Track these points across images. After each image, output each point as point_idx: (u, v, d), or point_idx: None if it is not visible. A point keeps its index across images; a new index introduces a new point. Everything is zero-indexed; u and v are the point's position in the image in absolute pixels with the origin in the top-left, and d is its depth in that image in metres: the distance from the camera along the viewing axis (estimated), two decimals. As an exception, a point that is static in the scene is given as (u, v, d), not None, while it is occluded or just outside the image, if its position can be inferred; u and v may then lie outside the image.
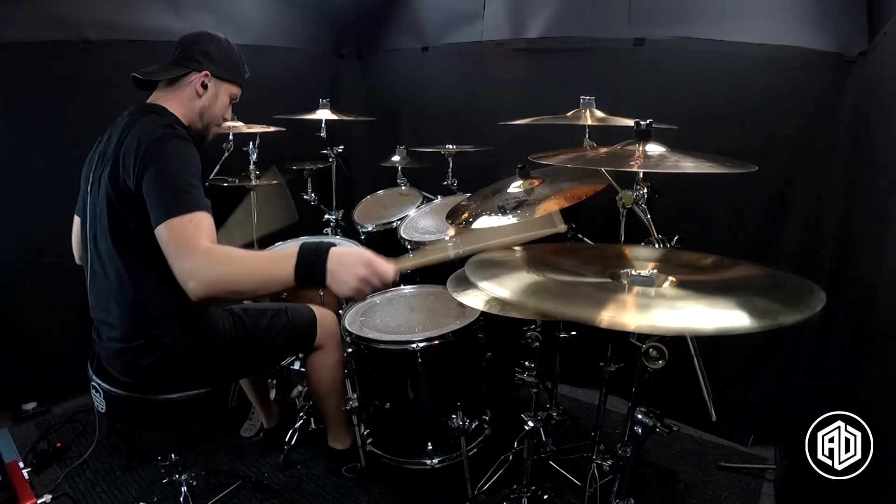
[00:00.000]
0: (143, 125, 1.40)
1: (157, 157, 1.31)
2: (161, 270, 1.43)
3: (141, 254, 1.40)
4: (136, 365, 1.47)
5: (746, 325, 0.76)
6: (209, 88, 1.54)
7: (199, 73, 1.52)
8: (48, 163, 2.31)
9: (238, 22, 2.84)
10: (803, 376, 2.05)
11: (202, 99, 1.54)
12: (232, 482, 2.01)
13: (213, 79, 1.54)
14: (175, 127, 1.42)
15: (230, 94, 1.61)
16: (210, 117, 1.58)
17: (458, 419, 1.67)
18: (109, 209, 1.38)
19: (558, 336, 2.00)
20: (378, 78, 3.40)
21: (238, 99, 1.66)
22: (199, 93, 1.53)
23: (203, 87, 1.53)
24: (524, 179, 1.78)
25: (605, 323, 0.79)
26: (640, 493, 1.94)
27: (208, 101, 1.55)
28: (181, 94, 1.52)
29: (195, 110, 1.54)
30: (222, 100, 1.59)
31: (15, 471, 1.39)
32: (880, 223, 1.46)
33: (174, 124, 1.44)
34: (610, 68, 2.31)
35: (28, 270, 2.38)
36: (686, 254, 1.18)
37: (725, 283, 1.00)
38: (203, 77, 1.52)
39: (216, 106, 1.58)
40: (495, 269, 1.02)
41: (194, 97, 1.53)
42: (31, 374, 2.46)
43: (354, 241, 2.42)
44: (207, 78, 1.52)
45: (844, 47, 1.83)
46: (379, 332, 1.77)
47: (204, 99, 1.54)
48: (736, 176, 1.22)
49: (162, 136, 1.35)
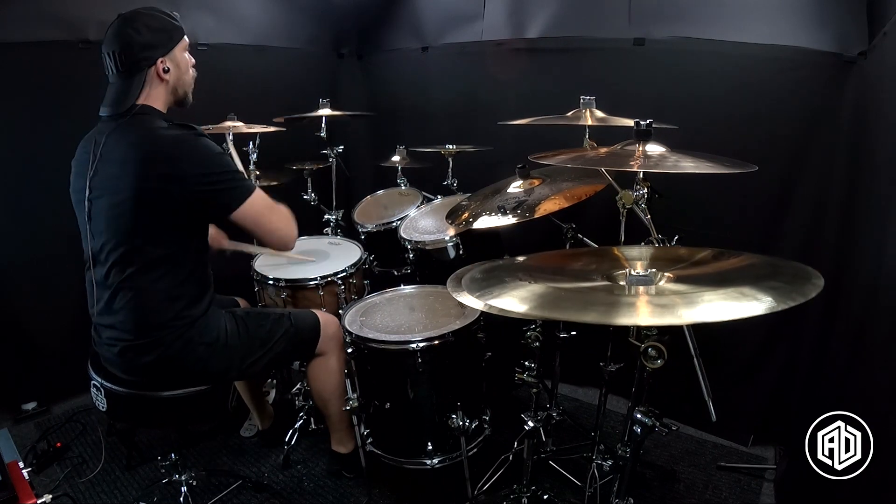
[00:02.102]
0: (147, 130, 1.43)
1: (196, 156, 1.43)
2: (164, 271, 1.45)
3: (149, 256, 1.43)
4: (136, 363, 1.48)
5: (768, 305, 0.79)
6: (169, 66, 1.51)
7: (154, 65, 1.48)
8: (48, 163, 2.29)
9: (238, 22, 2.85)
10: (803, 376, 2.05)
11: (170, 78, 1.52)
12: (232, 482, 2.01)
13: (166, 58, 1.50)
14: (189, 126, 1.48)
15: (183, 48, 1.56)
16: (183, 84, 1.57)
17: (458, 419, 1.67)
18: (128, 214, 1.40)
19: (558, 336, 2.00)
20: (378, 78, 3.39)
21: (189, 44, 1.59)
22: (165, 77, 1.51)
23: (165, 71, 1.50)
24: (524, 179, 1.78)
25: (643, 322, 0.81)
26: (640, 493, 1.94)
27: (175, 74, 1.53)
28: (151, 90, 1.50)
29: (168, 91, 1.54)
30: (183, 61, 1.56)
31: (15, 471, 1.39)
32: (880, 223, 1.46)
33: (172, 123, 1.48)
34: (610, 68, 2.31)
35: (28, 270, 2.39)
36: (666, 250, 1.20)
37: (723, 274, 1.01)
38: (160, 64, 1.49)
39: (181, 70, 1.55)
40: (493, 284, 1.03)
41: (162, 83, 1.51)
42: (31, 374, 2.46)
43: (355, 241, 2.42)
44: (163, 62, 1.50)
45: (844, 47, 1.83)
46: (379, 331, 1.77)
47: (171, 76, 1.52)
48: (736, 176, 1.22)
49: (181, 136, 1.45)
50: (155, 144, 1.42)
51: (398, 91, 3.28)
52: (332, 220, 2.67)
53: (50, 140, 2.29)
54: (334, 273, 2.12)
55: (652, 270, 1.02)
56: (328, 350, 1.85)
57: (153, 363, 1.47)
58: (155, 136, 1.43)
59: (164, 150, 1.41)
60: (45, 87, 2.28)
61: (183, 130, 1.46)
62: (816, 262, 0.99)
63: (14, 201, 2.32)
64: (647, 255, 1.14)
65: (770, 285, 0.87)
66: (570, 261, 1.26)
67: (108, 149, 1.43)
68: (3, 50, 2.16)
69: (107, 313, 1.49)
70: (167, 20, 1.53)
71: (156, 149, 1.42)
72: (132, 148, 1.41)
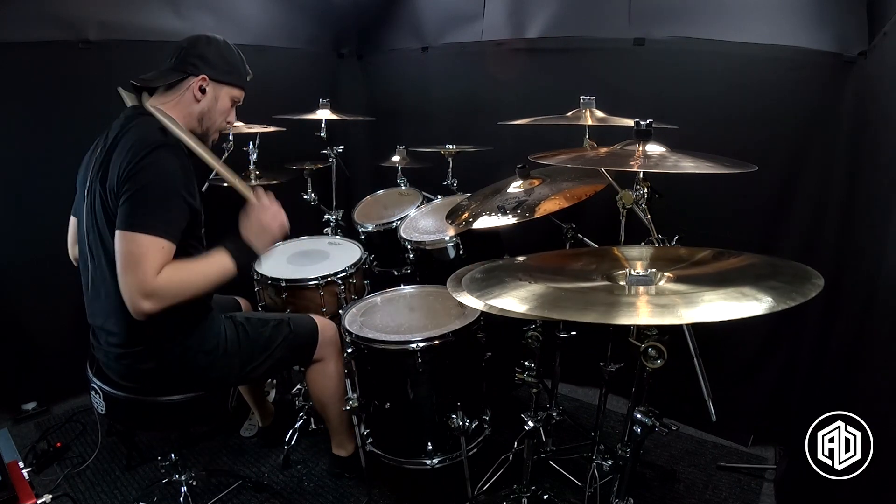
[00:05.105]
0: (136, 131, 1.40)
1: (143, 166, 1.32)
2: None
3: None
4: (135, 369, 1.47)
5: (768, 305, 0.80)
6: (208, 92, 1.51)
7: (196, 77, 1.48)
8: (48, 163, 2.30)
9: (238, 22, 2.84)
10: (803, 376, 2.05)
11: (201, 103, 1.51)
12: (232, 482, 2.01)
13: (211, 82, 1.50)
14: (167, 133, 1.41)
15: (231, 97, 1.57)
16: (209, 122, 1.55)
17: (458, 419, 1.67)
18: (104, 215, 1.38)
19: (558, 336, 2.00)
20: (378, 78, 3.39)
21: (241, 102, 1.62)
22: (198, 97, 1.49)
23: (201, 91, 1.49)
24: (524, 179, 1.78)
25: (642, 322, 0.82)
26: (640, 493, 1.94)
27: (207, 104, 1.52)
28: (179, 99, 1.49)
29: (194, 115, 1.51)
30: (223, 103, 1.55)
31: (15, 471, 1.39)
32: (881, 223, 1.46)
33: (166, 130, 1.42)
34: (610, 68, 2.31)
35: (28, 270, 2.38)
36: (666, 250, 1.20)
37: (723, 274, 1.01)
38: (200, 81, 1.49)
39: (216, 110, 1.54)
40: (493, 284, 1.03)
41: (192, 102, 1.50)
42: (31, 374, 2.46)
43: (355, 241, 2.42)
44: (205, 82, 1.49)
45: (844, 47, 1.83)
46: (379, 331, 1.77)
47: (203, 103, 1.51)
48: (736, 176, 1.22)
49: (152, 144, 1.35)
50: (125, 145, 1.37)
51: (398, 91, 3.28)
52: (332, 220, 2.67)
53: (50, 140, 2.29)
54: (334, 273, 2.12)
55: (652, 270, 1.03)
56: (326, 355, 1.85)
57: (152, 370, 1.47)
58: (131, 138, 1.38)
59: (127, 152, 1.34)
60: (45, 87, 2.28)
61: (161, 138, 1.38)
62: (816, 262, 0.99)
63: (14, 201, 2.32)
64: (647, 255, 1.14)
65: (770, 285, 0.87)
66: (570, 261, 1.26)
67: (114, 139, 1.41)
68: (3, 50, 2.16)
69: (99, 316, 1.48)
70: (238, 63, 1.57)
71: (123, 149, 1.36)
72: (111, 148, 1.39)
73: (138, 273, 1.28)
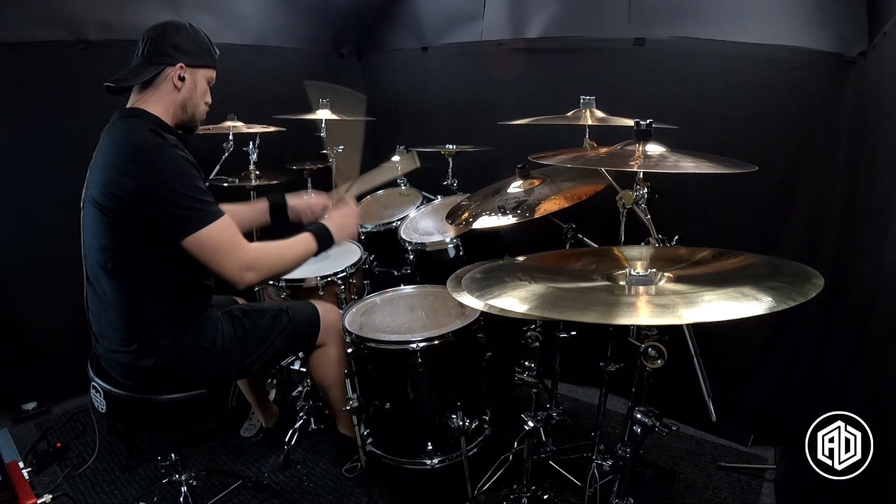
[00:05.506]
0: (128, 133, 1.40)
1: (159, 171, 1.34)
2: (155, 279, 1.44)
3: (133, 264, 1.41)
4: (134, 368, 1.48)
5: (768, 305, 0.80)
6: (186, 79, 1.50)
7: (174, 66, 1.48)
8: (48, 163, 2.30)
9: (238, 22, 2.85)
10: (803, 376, 2.05)
11: (182, 91, 1.51)
12: (232, 482, 2.01)
13: (188, 69, 1.50)
14: (163, 134, 1.42)
15: (207, 78, 1.58)
16: (193, 107, 1.56)
17: (458, 419, 1.67)
18: (100, 221, 1.39)
19: (558, 336, 2.00)
20: (378, 78, 3.39)
21: (214, 81, 1.61)
22: (178, 86, 1.49)
23: (180, 79, 1.49)
24: (524, 179, 1.78)
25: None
26: (640, 493, 1.94)
27: (188, 91, 1.52)
28: (159, 92, 1.49)
29: (177, 104, 1.51)
30: (201, 86, 1.56)
31: (15, 471, 1.39)
32: (881, 223, 1.46)
33: (160, 130, 1.43)
34: (610, 68, 2.31)
35: (28, 270, 2.39)
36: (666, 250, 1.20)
37: (722, 274, 1.01)
38: (178, 70, 1.48)
39: (196, 95, 1.55)
40: (493, 284, 1.03)
41: (173, 91, 1.49)
42: (31, 374, 2.46)
43: (354, 241, 2.42)
44: (183, 70, 1.49)
45: (844, 47, 1.83)
46: (379, 331, 1.77)
47: (184, 91, 1.51)
48: (736, 176, 1.22)
49: (154, 148, 1.36)
50: (121, 149, 1.38)
51: (398, 91, 3.28)
52: (332, 220, 2.66)
53: (50, 140, 2.29)
54: (334, 273, 2.12)
55: (652, 270, 1.03)
56: (328, 340, 1.84)
57: (151, 368, 1.47)
58: (124, 141, 1.39)
59: (126, 156, 1.37)
60: (45, 87, 2.28)
61: (160, 140, 1.39)
62: (816, 262, 0.99)
63: (14, 201, 2.31)
64: (647, 255, 1.14)
65: (770, 285, 0.87)
66: (570, 261, 1.26)
67: (101, 145, 1.44)
68: (3, 50, 2.16)
69: (97, 314, 1.49)
70: (207, 44, 1.57)
71: (119, 153, 1.38)
72: (112, 146, 1.40)
73: (231, 255, 1.41)
